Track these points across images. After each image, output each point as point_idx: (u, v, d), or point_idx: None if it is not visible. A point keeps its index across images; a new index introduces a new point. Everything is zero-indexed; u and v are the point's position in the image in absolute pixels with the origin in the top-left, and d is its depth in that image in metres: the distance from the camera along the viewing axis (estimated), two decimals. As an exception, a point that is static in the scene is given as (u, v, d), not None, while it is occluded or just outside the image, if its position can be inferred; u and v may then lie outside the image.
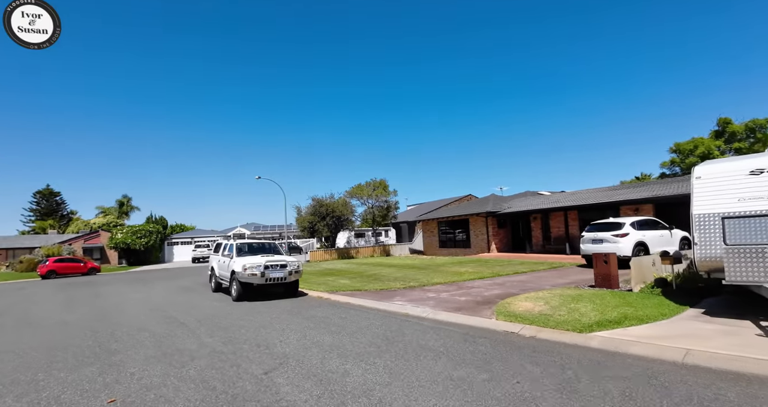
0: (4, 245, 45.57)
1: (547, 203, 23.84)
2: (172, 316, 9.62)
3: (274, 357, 5.73)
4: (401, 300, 10.17)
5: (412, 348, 5.93)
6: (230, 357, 5.78)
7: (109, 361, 5.88)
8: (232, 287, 11.98)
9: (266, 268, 11.52)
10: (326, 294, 12.13)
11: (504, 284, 12.00)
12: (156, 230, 41.82)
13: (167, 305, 11.64)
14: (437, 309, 8.78)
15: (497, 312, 7.90)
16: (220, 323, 8.49)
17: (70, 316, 10.38)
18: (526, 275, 13.67)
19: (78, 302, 13.22)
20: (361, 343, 6.31)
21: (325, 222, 30.42)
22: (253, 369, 5.18)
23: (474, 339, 6.37)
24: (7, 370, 5.67)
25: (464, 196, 41.47)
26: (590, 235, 14.89)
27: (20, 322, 9.90)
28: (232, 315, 9.32)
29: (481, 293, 10.45)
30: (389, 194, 33.09)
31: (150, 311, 10.65)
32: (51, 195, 70.10)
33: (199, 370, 5.23)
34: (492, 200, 28.33)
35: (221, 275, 13.73)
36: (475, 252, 26.22)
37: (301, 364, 5.31)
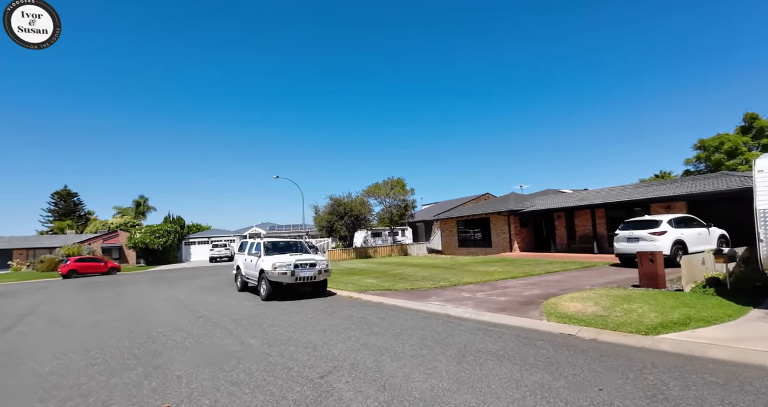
0: (25, 245, 46.18)
1: (572, 201, 23.28)
2: (205, 316, 9.40)
3: (325, 359, 5.44)
4: (437, 300, 9.83)
5: (468, 350, 5.60)
6: (278, 360, 5.50)
7: (152, 363, 5.64)
8: (261, 287, 11.76)
9: (296, 267, 11.27)
10: (356, 294, 11.84)
11: (539, 283, 11.59)
12: (174, 229, 42.01)
13: (197, 304, 11.45)
14: (479, 309, 8.42)
15: (547, 313, 7.53)
16: (257, 323, 8.24)
17: (101, 316, 10.23)
18: (559, 275, 13.24)
19: (105, 302, 13.12)
20: (411, 345, 5.99)
21: (343, 221, 30.19)
22: (307, 373, 4.89)
23: (531, 341, 6.01)
24: (45, 373, 5.46)
25: (481, 195, 40.96)
26: (625, 233, 14.38)
27: (51, 322, 9.77)
28: (267, 315, 9.07)
29: (519, 294, 10.07)
30: (407, 193, 32.75)
31: (181, 311, 10.46)
32: (69, 196, 71.08)
33: (249, 373, 4.96)
34: (513, 198, 27.82)
35: (248, 274, 13.53)
36: (496, 252, 25.75)
37: (355, 368, 5.01)
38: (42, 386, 4.90)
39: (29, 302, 14.54)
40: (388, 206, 32.74)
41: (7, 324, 9.87)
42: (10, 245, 45.61)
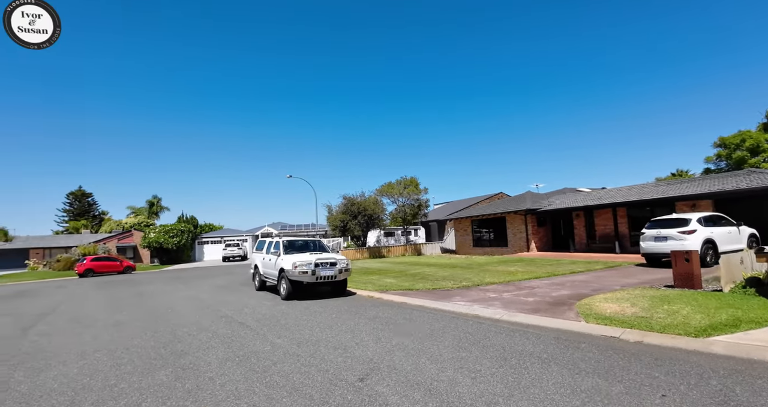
0: (42, 244, 46.79)
1: (592, 199, 22.82)
2: (228, 315, 9.25)
3: (360, 361, 5.22)
4: (462, 301, 9.57)
5: (509, 353, 5.34)
6: (312, 361, 5.30)
7: (180, 364, 5.47)
8: (281, 286, 11.59)
9: (317, 266, 11.09)
10: (377, 294, 11.62)
11: (565, 284, 11.27)
12: (187, 229, 42.20)
13: (217, 304, 11.32)
14: (510, 310, 8.15)
15: (583, 314, 7.23)
16: (281, 322, 8.05)
17: (122, 316, 10.14)
18: (584, 275, 12.88)
19: (124, 302, 13.06)
20: (448, 347, 5.74)
21: (357, 221, 30.01)
22: (345, 375, 4.67)
23: (573, 344, 5.73)
24: (73, 374, 5.31)
25: (495, 194, 40.52)
26: (652, 232, 13.97)
27: (72, 322, 9.70)
28: (290, 315, 8.88)
29: (548, 294, 9.77)
30: (420, 192, 32.46)
31: (202, 310, 10.32)
32: (83, 196, 72.00)
33: (284, 375, 4.76)
34: (529, 197, 27.40)
35: (266, 273, 13.39)
36: (512, 251, 25.37)
37: (394, 370, 4.78)
38: (71, 387, 4.75)
39: (48, 301, 14.56)
40: (402, 205, 32.49)
41: (29, 323, 9.82)
42: (27, 244, 46.25)
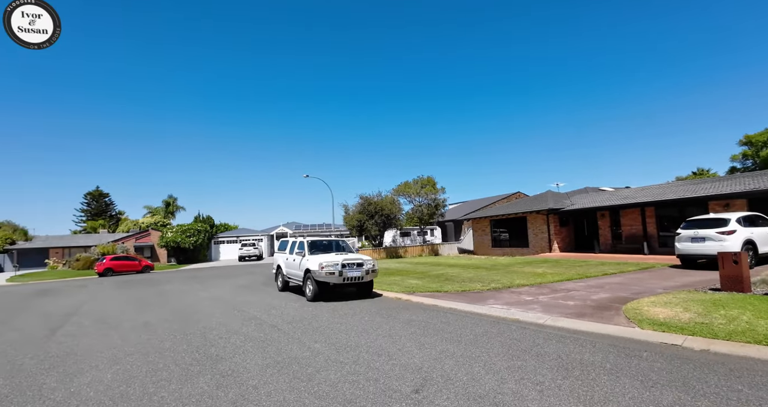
0: (60, 243, 47.43)
1: (617, 199, 22.20)
2: (256, 317, 9.01)
3: (409, 369, 4.90)
4: (497, 304, 9.20)
5: (569, 363, 4.97)
6: (357, 369, 5.00)
7: (219, 370, 5.21)
8: (307, 287, 11.35)
9: (344, 267, 10.82)
10: (404, 295, 11.29)
11: (602, 286, 10.82)
12: (204, 229, 42.37)
13: (243, 305, 11.11)
14: (552, 314, 7.76)
15: (636, 320, 6.82)
16: (314, 325, 7.78)
17: (148, 317, 9.97)
18: (619, 277, 12.40)
19: (148, 302, 12.93)
20: (498, 355, 5.39)
21: (374, 221, 29.72)
22: (397, 386, 4.36)
23: (633, 352, 5.34)
24: (108, 380, 5.09)
25: (513, 193, 39.92)
26: (688, 233, 13.42)
27: (99, 323, 9.55)
28: (320, 317, 8.61)
29: (587, 297, 9.35)
30: (437, 192, 32.05)
31: (229, 311, 10.11)
32: (100, 196, 72.95)
33: (332, 385, 4.46)
34: (550, 196, 26.83)
35: (290, 273, 13.16)
36: (534, 252, 24.84)
37: (450, 381, 4.46)
38: (108, 396, 4.51)
39: (72, 300, 14.52)
40: (419, 205, 32.11)
41: (55, 324, 9.70)
42: (47, 243, 46.91)
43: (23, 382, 5.17)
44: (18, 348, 7.19)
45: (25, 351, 6.92)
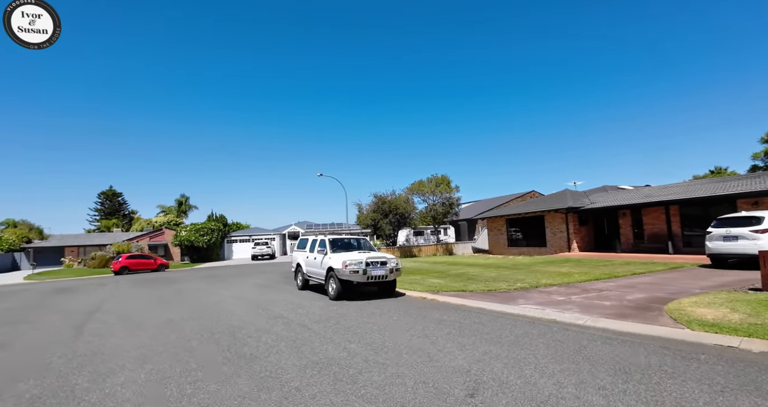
0: (76, 242, 47.91)
1: (639, 197, 21.71)
2: (282, 315, 8.83)
3: (456, 371, 4.66)
4: (529, 304, 8.91)
5: (625, 366, 4.68)
6: (401, 370, 4.76)
7: (256, 371, 5.01)
8: (329, 285, 11.14)
9: (368, 265, 10.60)
10: (429, 295, 11.04)
11: (635, 286, 10.48)
12: (217, 228, 42.48)
13: (266, 303, 10.94)
14: (591, 314, 7.47)
15: (684, 321, 6.50)
16: (343, 324, 7.57)
17: (171, 315, 9.84)
18: (648, 277, 12.03)
19: (168, 300, 12.83)
20: (546, 357, 5.12)
21: (388, 219, 29.49)
22: (450, 389, 4.12)
23: (689, 354, 5.04)
24: (142, 380, 4.91)
25: (527, 192, 39.44)
26: (720, 231, 12.99)
27: (123, 321, 9.44)
28: (348, 317, 8.39)
29: (621, 297, 9.03)
30: (452, 191, 31.70)
31: (253, 309, 9.94)
32: (114, 196, 73.61)
33: (379, 387, 4.24)
34: (569, 195, 26.38)
35: (310, 272, 12.98)
36: (552, 251, 24.42)
37: (504, 385, 4.20)
38: (146, 397, 4.33)
39: (92, 298, 14.48)
40: (433, 203, 31.80)
41: (78, 321, 9.61)
42: (63, 242, 47.42)
43: (54, 382, 5.01)
44: (45, 346, 7.07)
45: (52, 349, 6.79)
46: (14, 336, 8.15)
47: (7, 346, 7.24)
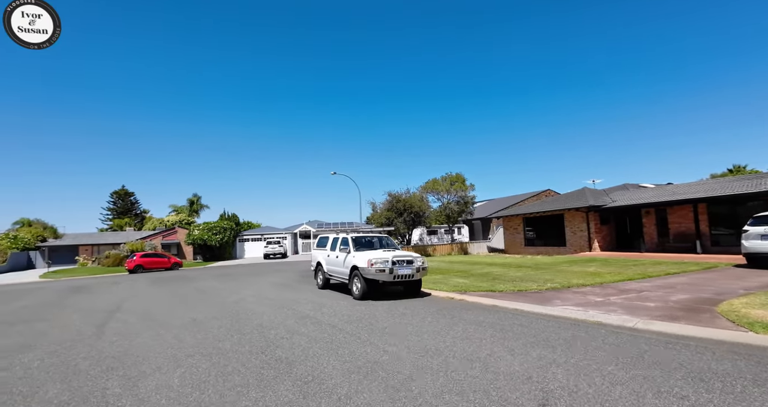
0: (90, 241, 48.19)
1: (664, 195, 21.10)
2: (309, 315, 8.51)
3: (516, 378, 4.30)
4: (567, 305, 8.50)
5: (699, 373, 4.29)
6: (455, 376, 4.41)
7: (297, 376, 4.70)
8: (354, 285, 10.83)
9: (394, 264, 10.26)
10: (456, 295, 10.66)
11: (673, 287, 10.02)
12: (230, 226, 42.40)
13: (289, 302, 10.65)
14: (640, 316, 7.05)
15: (744, 323, 6.08)
16: (376, 325, 7.23)
17: (195, 314, 9.57)
18: (684, 277, 11.55)
19: (189, 299, 12.59)
20: (608, 363, 4.74)
21: (402, 218, 29.11)
22: (516, 399, 3.76)
23: (765, 359, 4.63)
24: (176, 385, 4.61)
25: (543, 191, 38.83)
26: (758, 229, 12.46)
27: (146, 320, 9.19)
28: (379, 317, 8.06)
29: (665, 298, 8.59)
30: (467, 189, 31.22)
31: (278, 309, 9.64)
32: (126, 195, 74.06)
33: (438, 396, 3.89)
34: (589, 193, 25.81)
35: (331, 270, 12.68)
36: (572, 251, 23.88)
37: (576, 394, 3.83)
38: (184, 404, 4.03)
39: (110, 297, 14.31)
40: (448, 202, 31.35)
41: (100, 320, 9.39)
42: (77, 241, 47.70)
43: (83, 386, 4.74)
44: (68, 347, 6.82)
45: (77, 350, 6.55)
46: (36, 336, 7.93)
47: (31, 347, 7.00)
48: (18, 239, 44.11)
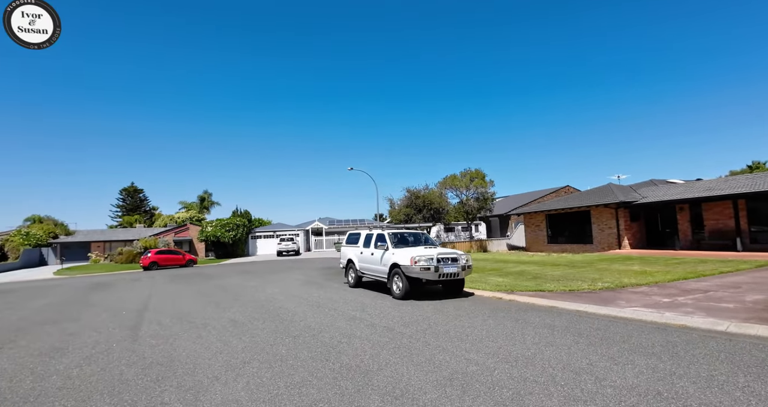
0: (102, 237, 48.03)
1: (699, 191, 20.31)
2: (356, 317, 7.94)
3: (647, 395, 3.69)
4: (634, 306, 7.87)
5: None
6: (569, 392, 3.81)
7: (381, 388, 4.12)
8: (394, 283, 10.25)
9: (439, 262, 9.66)
10: (504, 295, 10.04)
11: (738, 286, 9.37)
12: (242, 223, 41.96)
13: (325, 301, 10.09)
14: (730, 320, 6.39)
15: None
16: (438, 329, 6.64)
17: (231, 314, 9.02)
18: (743, 276, 10.88)
19: (216, 297, 12.05)
20: (733, 373, 4.11)
21: (422, 215, 28.49)
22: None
23: None
24: (244, 399, 4.07)
25: (561, 187, 38.03)
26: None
27: (180, 321, 8.64)
28: (433, 319, 7.47)
29: (739, 299, 7.97)
30: (487, 185, 30.51)
31: (318, 309, 9.08)
32: (135, 192, 74.00)
33: (568, 419, 3.29)
34: (615, 189, 25.03)
35: (365, 268, 12.11)
36: (599, 249, 23.16)
37: (734, 417, 3.22)
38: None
39: (132, 295, 13.83)
40: (467, 198, 30.69)
41: (130, 321, 8.86)
42: (89, 237, 47.57)
43: (138, 401, 4.16)
44: (105, 351, 6.28)
45: (116, 355, 6.00)
46: (67, 338, 7.40)
47: (64, 351, 6.46)
48: (30, 235, 43.98)
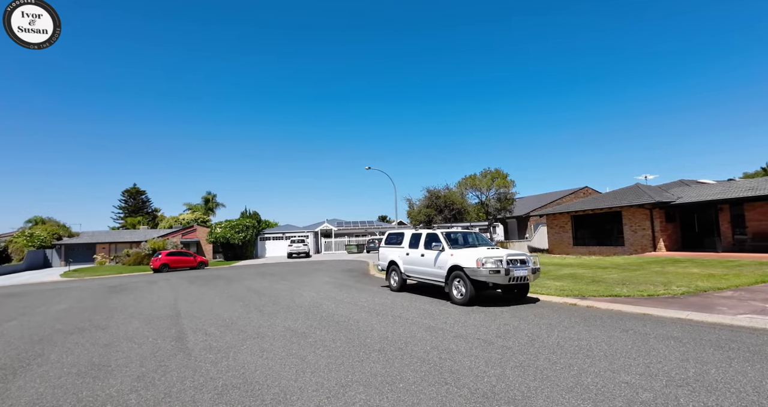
0: (107, 239, 47.06)
1: (741, 191, 19.40)
2: (434, 326, 7.00)
3: None
4: (741, 312, 6.97)
5: None
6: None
7: None
8: (454, 287, 9.33)
9: (509, 264, 8.75)
10: (578, 300, 9.06)
11: (840, 291, 8.45)
12: (252, 225, 41.01)
13: (380, 307, 9.16)
14: None
15: None
16: (544, 342, 5.71)
17: (284, 322, 8.07)
18: (829, 280, 9.97)
19: (251, 301, 11.05)
20: None
21: (443, 216, 27.55)
22: None
23: None
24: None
25: (580, 188, 37.15)
26: None
27: (229, 330, 7.68)
28: (523, 329, 6.56)
29: None
30: (509, 185, 29.59)
31: (379, 316, 8.13)
32: (138, 194, 73.09)
33: None
34: (645, 189, 24.13)
35: (412, 270, 11.23)
36: (632, 251, 22.23)
37: None
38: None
39: (155, 298, 12.87)
40: (488, 198, 29.76)
41: (169, 329, 7.90)
42: (94, 239, 46.60)
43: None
44: (159, 370, 5.26)
45: (176, 375, 5.01)
46: (105, 351, 6.42)
47: (106, 368, 5.43)
48: (34, 237, 42.96)
